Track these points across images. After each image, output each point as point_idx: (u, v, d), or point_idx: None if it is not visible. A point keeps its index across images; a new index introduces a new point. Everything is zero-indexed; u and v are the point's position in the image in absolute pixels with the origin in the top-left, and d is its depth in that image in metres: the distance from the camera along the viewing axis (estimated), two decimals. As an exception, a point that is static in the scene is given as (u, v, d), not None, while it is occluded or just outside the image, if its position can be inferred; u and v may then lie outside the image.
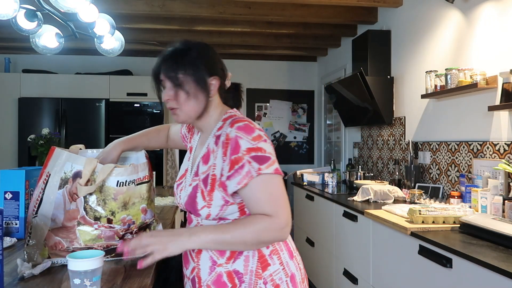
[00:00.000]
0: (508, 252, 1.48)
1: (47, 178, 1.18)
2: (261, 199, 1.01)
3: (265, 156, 1.02)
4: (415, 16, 3.06)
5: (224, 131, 1.07)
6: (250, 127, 1.04)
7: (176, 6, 3.44)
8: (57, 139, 3.13)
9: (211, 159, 1.09)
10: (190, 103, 1.10)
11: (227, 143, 1.04)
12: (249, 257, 1.07)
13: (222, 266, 1.07)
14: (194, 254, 1.12)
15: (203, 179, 1.09)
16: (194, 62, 1.09)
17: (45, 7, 1.92)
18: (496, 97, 2.20)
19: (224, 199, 1.04)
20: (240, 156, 1.01)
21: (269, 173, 1.01)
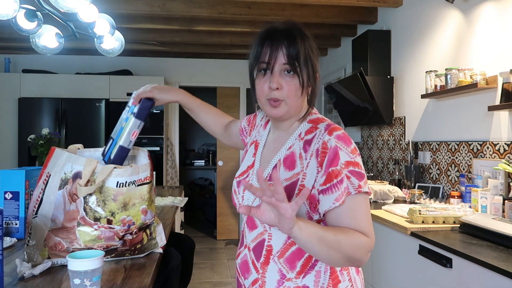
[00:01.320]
0: (508, 252, 1.48)
1: (47, 178, 1.18)
2: (358, 219, 0.90)
3: (362, 172, 0.92)
4: (415, 16, 3.06)
5: (320, 138, 0.94)
6: (349, 138, 0.95)
7: (176, 6, 3.44)
8: (57, 139, 3.13)
9: (298, 165, 0.96)
10: (298, 96, 0.97)
11: (325, 153, 0.92)
12: (320, 272, 0.97)
13: (291, 281, 0.97)
14: (260, 265, 1.00)
15: (286, 186, 0.95)
16: (313, 49, 0.99)
17: (45, 7, 1.92)
18: (496, 97, 2.20)
19: (308, 213, 0.94)
20: (338, 170, 0.90)
21: (367, 191, 0.92)
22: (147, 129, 4.85)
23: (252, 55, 1.01)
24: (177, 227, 3.13)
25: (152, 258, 1.32)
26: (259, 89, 0.99)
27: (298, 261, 0.97)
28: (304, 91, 0.98)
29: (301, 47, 0.95)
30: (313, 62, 0.98)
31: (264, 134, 1.14)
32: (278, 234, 0.98)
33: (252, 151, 1.13)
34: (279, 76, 0.95)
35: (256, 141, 1.15)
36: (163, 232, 1.40)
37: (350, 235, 0.88)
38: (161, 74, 5.33)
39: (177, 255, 1.78)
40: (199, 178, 7.16)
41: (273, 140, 1.08)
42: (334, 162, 0.91)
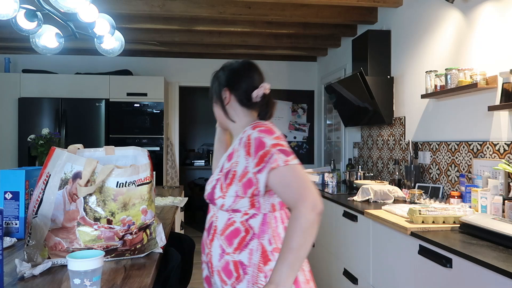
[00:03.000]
0: (508, 252, 1.48)
1: (47, 178, 1.18)
2: (289, 186, 1.13)
3: (287, 150, 1.16)
4: (415, 16, 3.06)
5: (246, 133, 1.22)
6: (271, 130, 1.21)
7: (176, 6, 3.44)
8: (57, 139, 3.13)
9: (234, 157, 1.24)
10: (217, 111, 1.40)
11: (249, 143, 1.19)
12: (253, 250, 1.19)
13: (230, 255, 1.21)
14: (209, 241, 1.27)
15: (225, 173, 1.24)
16: (218, 77, 1.38)
17: (45, 7, 1.92)
18: (496, 97, 2.20)
19: (237, 193, 1.20)
20: (267, 150, 1.15)
21: (296, 163, 1.15)
22: (147, 129, 4.85)
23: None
24: (177, 227, 3.13)
25: (152, 258, 1.32)
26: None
27: (234, 239, 1.20)
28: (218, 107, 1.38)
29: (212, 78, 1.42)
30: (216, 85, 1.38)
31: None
32: (221, 216, 1.24)
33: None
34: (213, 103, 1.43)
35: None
36: (163, 232, 1.40)
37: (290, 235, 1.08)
38: (161, 74, 5.33)
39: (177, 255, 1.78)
40: (199, 178, 7.16)
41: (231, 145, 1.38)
42: (261, 147, 1.16)
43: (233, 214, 1.22)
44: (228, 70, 1.36)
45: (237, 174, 1.20)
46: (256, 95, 1.31)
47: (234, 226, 1.21)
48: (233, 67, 1.36)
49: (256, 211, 1.21)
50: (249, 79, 1.34)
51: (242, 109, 1.33)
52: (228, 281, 1.20)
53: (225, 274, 1.20)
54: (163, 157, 4.94)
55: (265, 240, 1.20)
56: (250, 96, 1.31)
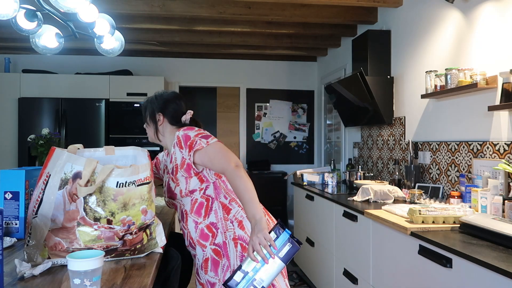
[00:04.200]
0: (508, 252, 1.48)
1: (47, 178, 1.18)
2: (215, 161, 1.52)
3: (207, 135, 1.57)
4: (415, 16, 3.06)
5: (176, 135, 1.60)
6: (192, 128, 1.60)
7: (176, 6, 3.44)
8: (57, 139, 3.13)
9: (173, 157, 1.60)
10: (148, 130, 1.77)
11: (179, 141, 1.57)
12: (217, 210, 1.56)
13: (202, 223, 1.56)
14: (184, 224, 1.60)
15: (171, 171, 1.60)
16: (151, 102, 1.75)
17: (45, 7, 1.92)
18: (496, 97, 2.20)
19: (184, 175, 1.55)
20: (192, 139, 1.55)
21: (215, 141, 1.55)
22: (147, 129, 4.84)
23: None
24: (177, 227, 3.13)
25: (152, 258, 1.32)
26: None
27: (201, 209, 1.56)
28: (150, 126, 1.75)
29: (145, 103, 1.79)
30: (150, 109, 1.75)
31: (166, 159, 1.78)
32: (186, 201, 1.58)
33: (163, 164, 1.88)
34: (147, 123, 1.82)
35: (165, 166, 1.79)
36: (163, 232, 1.40)
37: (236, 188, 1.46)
38: (161, 74, 5.33)
39: (177, 255, 1.78)
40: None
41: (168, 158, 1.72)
42: (187, 139, 1.55)
43: (193, 195, 1.57)
44: (160, 98, 1.72)
45: (179, 164, 1.56)
46: (185, 118, 1.72)
47: (198, 202, 1.57)
48: (166, 98, 1.72)
49: (207, 183, 1.57)
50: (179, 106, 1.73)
51: (171, 127, 1.70)
52: (207, 243, 1.54)
53: (203, 239, 1.54)
54: (163, 157, 4.94)
55: (221, 198, 1.58)
56: (180, 118, 1.70)
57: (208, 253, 1.54)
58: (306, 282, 3.63)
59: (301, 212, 3.83)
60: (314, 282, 3.40)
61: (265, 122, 5.67)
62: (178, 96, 1.77)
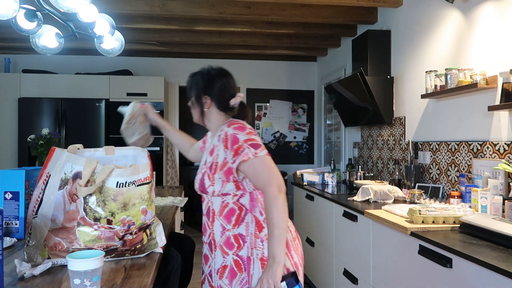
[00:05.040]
0: (508, 252, 1.48)
1: (47, 178, 1.18)
2: (259, 176, 1.39)
3: (257, 144, 1.41)
4: (415, 16, 3.06)
5: (223, 130, 1.45)
6: (243, 126, 1.44)
7: (176, 6, 3.44)
8: (57, 139, 3.12)
9: (215, 151, 1.46)
10: (193, 110, 1.60)
11: (226, 139, 1.42)
12: (249, 223, 1.44)
13: (230, 231, 1.44)
14: (210, 223, 1.49)
15: (209, 166, 1.47)
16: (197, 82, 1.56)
17: (45, 7, 1.92)
18: (496, 97, 2.20)
19: (221, 178, 1.43)
20: (240, 145, 1.39)
21: (264, 155, 1.40)
22: (147, 129, 4.84)
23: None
24: (177, 227, 3.13)
25: (152, 258, 1.32)
26: None
27: (232, 217, 1.44)
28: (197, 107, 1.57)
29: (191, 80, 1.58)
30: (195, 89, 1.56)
31: (209, 141, 1.67)
32: (216, 201, 1.47)
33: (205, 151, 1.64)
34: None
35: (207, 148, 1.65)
36: (163, 232, 1.40)
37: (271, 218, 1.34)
38: (161, 74, 5.33)
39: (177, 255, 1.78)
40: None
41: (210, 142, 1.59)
42: (235, 142, 1.40)
43: (225, 197, 1.45)
44: (207, 78, 1.53)
45: (219, 164, 1.43)
46: (234, 103, 1.54)
47: (229, 206, 1.45)
48: (216, 79, 1.53)
49: (243, 191, 1.45)
50: (228, 89, 1.55)
51: (218, 112, 1.55)
52: (230, 252, 1.43)
53: (227, 247, 1.44)
54: (163, 157, 4.95)
55: (257, 213, 1.45)
56: (228, 103, 1.53)
57: (228, 261, 1.43)
58: (306, 282, 3.63)
59: (301, 212, 3.83)
60: (314, 282, 3.40)
61: (265, 122, 5.67)
62: (227, 74, 1.58)
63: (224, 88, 1.54)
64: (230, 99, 1.53)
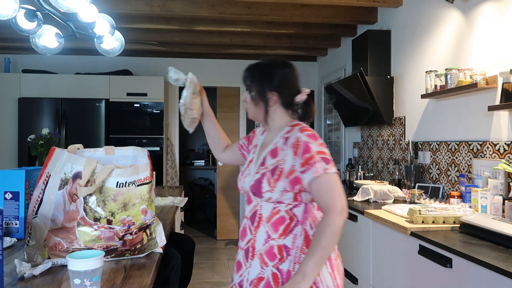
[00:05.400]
0: (508, 252, 1.48)
1: (47, 178, 1.18)
2: (327, 193, 1.26)
3: (328, 158, 1.28)
4: (415, 16, 3.06)
5: (294, 135, 1.32)
6: (316, 136, 1.33)
7: (176, 6, 3.44)
8: (57, 139, 3.13)
9: (280, 154, 1.34)
10: (252, 107, 1.44)
11: (297, 145, 1.30)
12: (297, 235, 1.31)
13: (275, 240, 1.31)
14: (253, 228, 1.35)
15: (271, 169, 1.33)
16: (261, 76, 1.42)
17: (45, 7, 1.92)
18: (496, 97, 2.20)
19: (285, 188, 1.30)
20: (312, 155, 1.27)
21: (333, 172, 1.27)
22: (147, 129, 4.85)
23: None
24: (177, 227, 3.14)
25: (152, 258, 1.32)
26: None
27: (280, 226, 1.31)
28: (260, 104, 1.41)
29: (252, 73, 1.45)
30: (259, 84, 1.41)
31: (260, 138, 1.52)
32: (266, 206, 1.34)
33: (253, 150, 1.51)
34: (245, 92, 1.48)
35: (256, 145, 1.52)
36: (163, 232, 1.40)
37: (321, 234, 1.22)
38: (161, 74, 5.33)
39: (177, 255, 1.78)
40: (199, 178, 7.15)
41: (266, 140, 1.46)
42: (307, 151, 1.28)
43: (278, 205, 1.32)
44: (279, 75, 1.40)
45: (284, 171, 1.30)
46: (300, 99, 1.42)
47: (279, 214, 1.32)
48: (283, 73, 1.40)
49: (299, 202, 1.32)
50: (295, 85, 1.43)
51: (283, 110, 1.42)
52: (270, 263, 1.30)
53: (268, 257, 1.31)
54: (163, 157, 4.94)
55: (307, 226, 1.32)
56: (294, 100, 1.41)
57: (266, 274, 1.30)
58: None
59: (301, 212, 3.83)
60: (314, 282, 3.40)
61: (265, 122, 5.66)
62: (292, 66, 1.45)
63: (291, 83, 1.41)
64: (296, 95, 1.41)
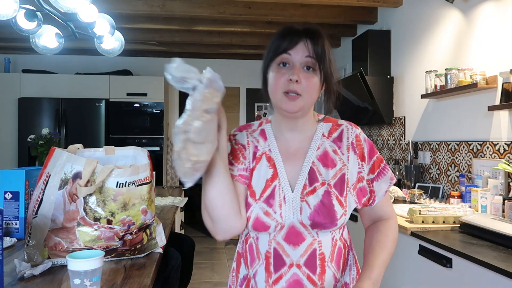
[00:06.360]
0: (508, 252, 1.48)
1: (47, 178, 1.18)
2: (389, 202, 1.07)
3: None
4: (415, 16, 3.06)
5: (351, 133, 1.02)
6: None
7: (176, 6, 3.44)
8: (57, 139, 3.12)
9: (338, 161, 0.99)
10: (315, 93, 0.96)
11: (360, 145, 1.01)
12: (351, 265, 1.05)
13: (339, 281, 1.00)
14: (317, 277, 0.95)
15: (335, 183, 0.96)
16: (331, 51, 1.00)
17: (45, 7, 1.92)
18: (496, 97, 2.20)
19: (355, 202, 1.00)
20: (379, 156, 1.03)
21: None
22: (147, 129, 4.85)
23: (270, 48, 0.97)
24: (177, 227, 3.14)
25: (152, 258, 1.32)
26: (276, 81, 0.94)
27: (340, 260, 1.00)
28: (320, 89, 0.97)
29: (324, 46, 0.96)
30: (332, 63, 0.97)
31: (270, 143, 1.03)
32: (326, 238, 0.96)
33: (265, 163, 0.99)
34: (299, 69, 0.93)
35: (262, 154, 1.01)
36: (163, 232, 1.40)
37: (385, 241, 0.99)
38: (161, 74, 5.32)
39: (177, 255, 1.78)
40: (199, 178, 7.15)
41: (288, 145, 1.02)
42: (373, 152, 1.01)
43: (334, 232, 0.98)
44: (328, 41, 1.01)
45: (351, 182, 0.99)
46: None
47: (337, 245, 0.99)
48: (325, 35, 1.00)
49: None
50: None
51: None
52: None
53: None
54: (163, 157, 4.94)
55: (353, 250, 1.07)
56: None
57: None
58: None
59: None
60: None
61: (265, 122, 5.66)
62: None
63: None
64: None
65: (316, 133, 1.02)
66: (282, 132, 1.04)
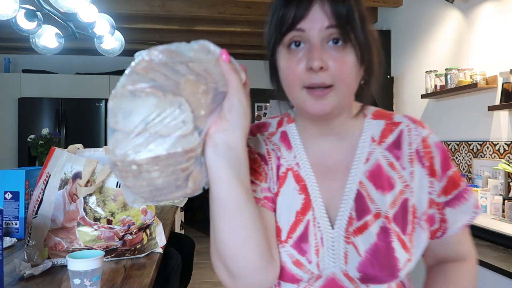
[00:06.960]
0: (508, 252, 1.48)
1: (47, 178, 1.18)
2: (467, 236, 0.72)
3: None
4: (415, 16, 3.06)
5: (415, 135, 0.67)
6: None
7: (176, 6, 3.44)
8: (57, 139, 3.13)
9: (397, 180, 0.65)
10: (353, 78, 0.61)
11: (429, 153, 0.66)
12: None
13: None
14: None
15: (395, 215, 0.64)
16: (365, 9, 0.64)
17: (45, 7, 1.92)
18: (496, 97, 2.20)
19: (426, 239, 0.66)
20: (456, 170, 0.68)
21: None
22: (147, 129, 4.85)
23: (271, 24, 0.66)
24: (177, 227, 3.14)
25: (152, 258, 1.32)
26: (289, 74, 0.62)
27: None
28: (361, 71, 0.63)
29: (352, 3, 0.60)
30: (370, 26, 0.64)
31: (297, 154, 0.70)
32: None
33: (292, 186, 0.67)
34: (321, 49, 0.59)
35: (288, 170, 0.69)
36: (163, 232, 1.40)
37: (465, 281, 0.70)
38: (161, 74, 5.34)
39: (177, 255, 1.78)
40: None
41: (323, 156, 0.69)
42: (447, 163, 0.67)
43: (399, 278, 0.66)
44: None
45: (418, 211, 0.65)
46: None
47: None
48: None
49: None
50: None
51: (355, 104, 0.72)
52: None
53: None
54: (163, 157, 4.94)
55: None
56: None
57: None
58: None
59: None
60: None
61: (265, 122, 5.67)
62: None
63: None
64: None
65: (362, 137, 0.68)
66: (312, 137, 0.70)
